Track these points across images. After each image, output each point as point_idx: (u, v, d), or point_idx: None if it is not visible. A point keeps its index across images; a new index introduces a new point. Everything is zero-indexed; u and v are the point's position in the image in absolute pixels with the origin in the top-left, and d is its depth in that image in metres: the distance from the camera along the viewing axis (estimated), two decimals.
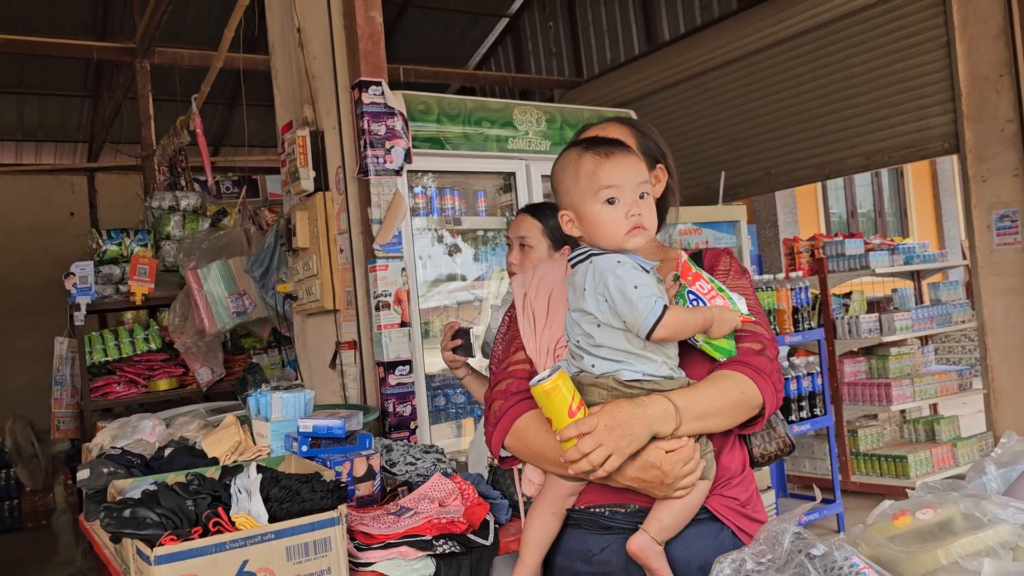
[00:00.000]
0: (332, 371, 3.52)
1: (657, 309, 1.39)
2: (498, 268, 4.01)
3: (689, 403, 1.44)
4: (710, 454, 1.49)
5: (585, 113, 3.96)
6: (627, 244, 1.48)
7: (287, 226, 3.61)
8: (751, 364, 1.51)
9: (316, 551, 1.94)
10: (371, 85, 3.21)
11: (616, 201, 1.48)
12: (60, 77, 9.11)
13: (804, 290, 5.01)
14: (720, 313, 1.48)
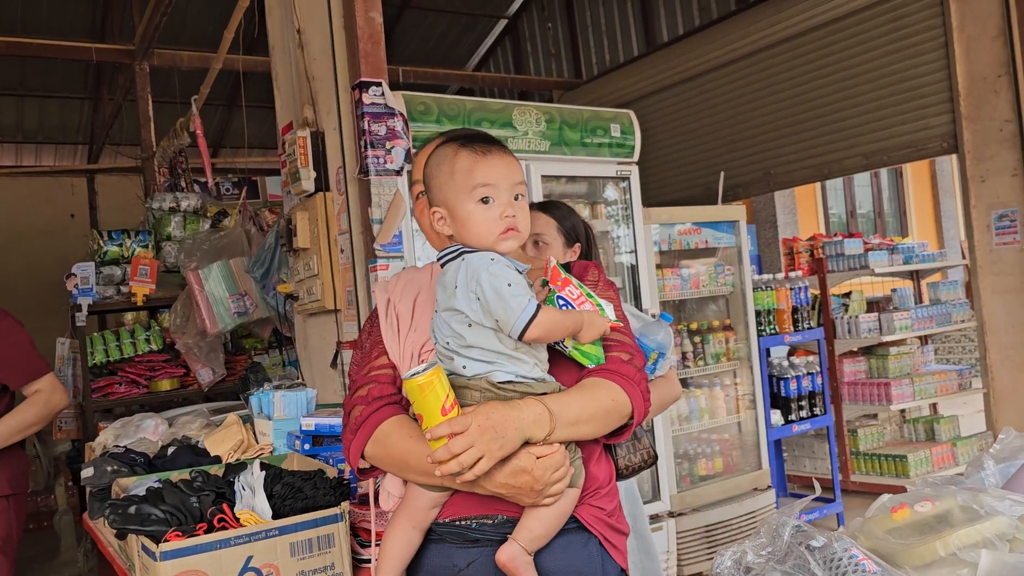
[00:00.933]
0: (333, 371, 3.54)
1: (531, 308, 1.36)
2: None
3: (563, 408, 1.41)
4: (579, 461, 1.47)
5: (584, 114, 3.97)
6: (500, 246, 1.45)
7: (288, 226, 3.62)
8: (621, 372, 1.49)
9: (320, 547, 1.95)
10: (371, 86, 3.22)
11: (491, 200, 1.44)
12: (60, 79, 9.13)
13: (804, 290, 5.03)
14: (590, 318, 1.46)
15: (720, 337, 4.55)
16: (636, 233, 4.10)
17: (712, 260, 4.64)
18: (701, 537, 4.21)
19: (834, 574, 1.21)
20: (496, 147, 1.48)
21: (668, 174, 6.70)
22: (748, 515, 4.38)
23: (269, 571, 1.89)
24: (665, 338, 2.36)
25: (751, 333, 4.62)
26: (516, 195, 1.46)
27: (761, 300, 4.78)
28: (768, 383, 4.78)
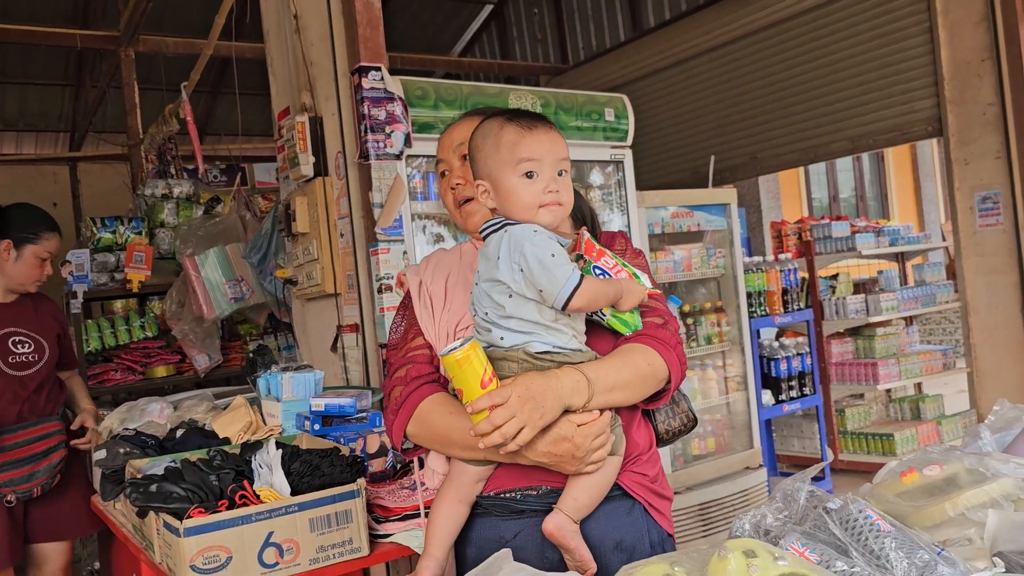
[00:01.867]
0: (333, 354, 3.56)
1: (575, 277, 1.39)
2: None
3: (599, 375, 1.42)
4: (619, 428, 1.49)
5: (579, 98, 4.01)
6: (541, 218, 1.47)
7: (286, 212, 3.63)
8: (656, 337, 1.52)
9: (338, 522, 1.99)
10: (371, 70, 3.24)
11: (535, 175, 1.46)
12: (41, 66, 9.03)
13: (793, 272, 5.11)
14: (628, 285, 1.49)
15: (712, 319, 4.61)
16: (630, 217, 4.15)
17: (701, 244, 4.70)
18: (695, 516, 4.29)
19: (851, 533, 1.26)
20: (542, 123, 1.50)
21: (656, 158, 6.75)
22: (740, 493, 4.46)
23: (289, 546, 1.93)
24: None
25: (742, 315, 4.69)
26: (560, 171, 1.49)
27: (752, 282, 4.85)
28: (759, 364, 4.86)
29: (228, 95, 9.66)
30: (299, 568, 1.94)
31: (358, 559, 2.02)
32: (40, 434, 3.00)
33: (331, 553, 1.98)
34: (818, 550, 1.20)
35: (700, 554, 1.18)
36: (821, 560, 1.17)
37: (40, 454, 2.99)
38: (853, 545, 1.22)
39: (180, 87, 5.35)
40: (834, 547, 1.23)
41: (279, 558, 1.92)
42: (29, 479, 2.95)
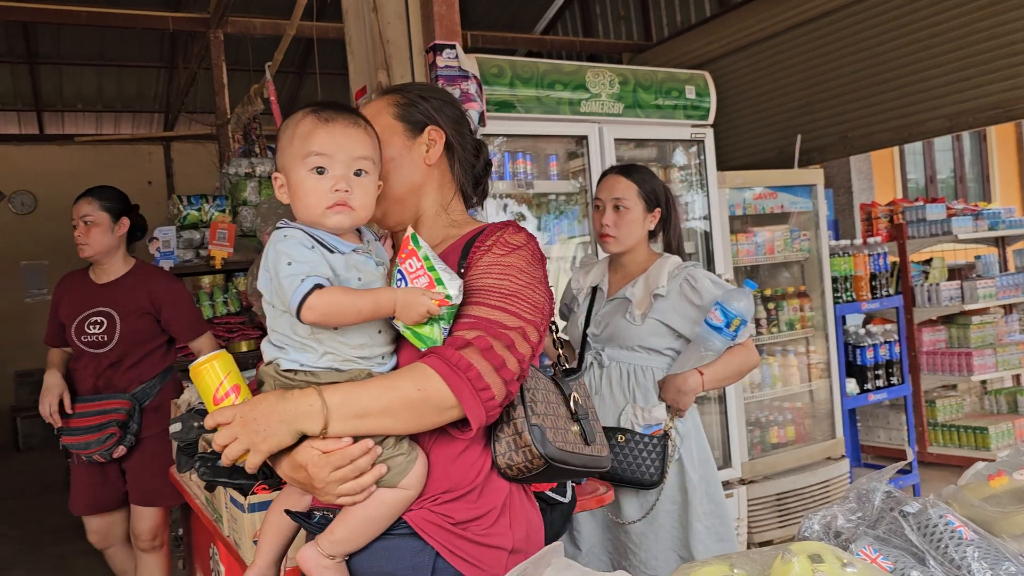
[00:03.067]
0: None
1: (303, 289, 1.25)
2: (563, 235, 4.01)
3: (347, 400, 1.28)
4: (400, 459, 1.33)
5: (659, 75, 3.90)
6: (326, 221, 1.34)
7: None
8: (446, 357, 1.30)
9: None
10: (445, 48, 3.22)
11: (325, 171, 1.35)
12: (137, 49, 9.35)
13: (883, 256, 4.90)
14: (406, 296, 1.30)
15: (794, 304, 4.46)
16: (710, 198, 4.03)
17: (785, 225, 4.54)
18: (772, 505, 4.17)
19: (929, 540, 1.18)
20: (345, 116, 1.38)
21: (740, 138, 6.56)
22: (821, 484, 4.32)
23: None
24: (747, 306, 2.35)
25: (827, 300, 4.53)
26: (358, 170, 1.37)
27: (838, 266, 4.67)
28: (844, 351, 4.68)
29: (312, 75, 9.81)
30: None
31: None
32: (99, 409, 3.21)
33: None
34: (892, 556, 1.12)
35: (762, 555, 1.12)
36: (895, 568, 1.10)
37: (95, 427, 3.19)
38: (931, 553, 1.14)
39: (264, 67, 5.44)
40: (910, 554, 1.15)
41: None
42: (86, 447, 3.18)
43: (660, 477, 2.43)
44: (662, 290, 2.49)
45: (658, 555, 2.47)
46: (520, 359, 1.35)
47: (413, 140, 1.52)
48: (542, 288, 1.44)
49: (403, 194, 1.51)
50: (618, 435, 2.45)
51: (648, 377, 2.52)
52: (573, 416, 1.50)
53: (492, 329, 1.33)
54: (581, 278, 2.73)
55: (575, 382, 1.57)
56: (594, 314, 2.63)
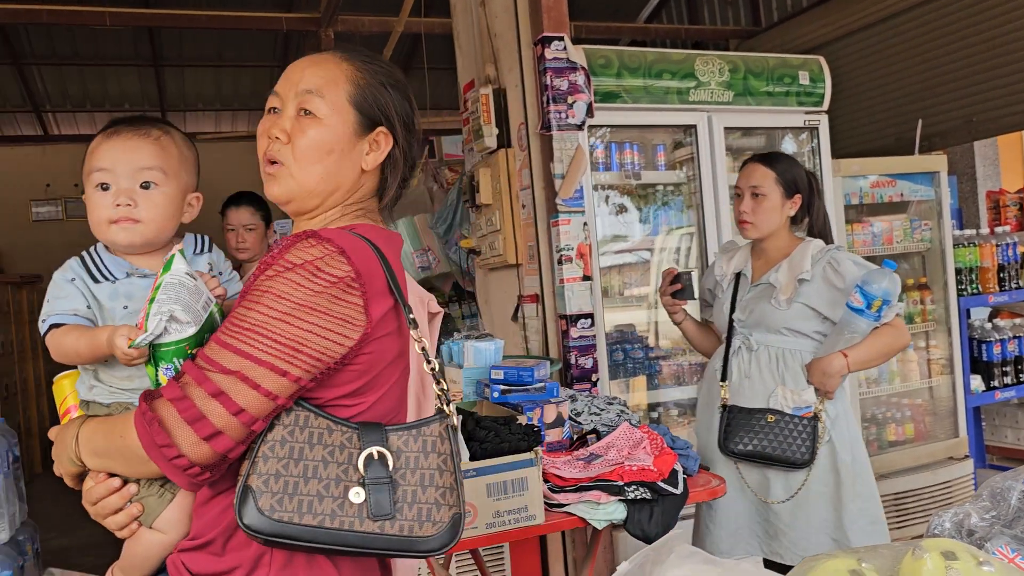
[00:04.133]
0: (514, 324, 3.62)
1: (43, 328, 1.29)
2: (666, 226, 3.96)
3: (89, 437, 1.26)
4: (154, 499, 1.29)
5: (770, 61, 3.81)
6: (114, 237, 1.33)
7: (470, 183, 3.72)
8: (140, 406, 1.16)
9: (514, 489, 2.03)
10: (553, 40, 3.23)
11: (109, 187, 1.32)
12: (252, 49, 9.72)
13: (1012, 246, 4.64)
14: (108, 335, 1.23)
15: (914, 296, 4.28)
16: (824, 186, 3.92)
17: (903, 215, 4.36)
18: (889, 505, 4.03)
19: None
20: (131, 129, 1.35)
21: (854, 124, 6.32)
22: (943, 485, 4.14)
23: (468, 509, 1.98)
24: (889, 285, 2.37)
25: (950, 293, 4.33)
26: (144, 182, 1.33)
27: (962, 257, 4.45)
28: (968, 346, 4.47)
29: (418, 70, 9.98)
30: (476, 531, 2.00)
31: (533, 527, 2.05)
32: None
33: (507, 519, 2.02)
34: None
35: (892, 551, 1.09)
36: None
37: None
38: None
39: None
40: None
41: None
42: None
43: (811, 456, 2.49)
44: (806, 274, 2.55)
45: (810, 536, 2.51)
46: (236, 411, 1.12)
47: (359, 138, 1.33)
48: (309, 319, 1.15)
49: (315, 187, 1.31)
50: (768, 415, 2.54)
51: (796, 360, 2.57)
52: (360, 480, 1.17)
53: (200, 373, 1.14)
54: (724, 264, 2.79)
55: (411, 432, 1.22)
56: (739, 299, 2.69)
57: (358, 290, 1.19)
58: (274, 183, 1.31)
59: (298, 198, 1.32)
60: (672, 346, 4.03)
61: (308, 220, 1.35)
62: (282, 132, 1.29)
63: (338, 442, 1.18)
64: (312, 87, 1.30)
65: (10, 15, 6.66)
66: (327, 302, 1.17)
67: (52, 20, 6.82)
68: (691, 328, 2.89)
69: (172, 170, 1.35)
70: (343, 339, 1.18)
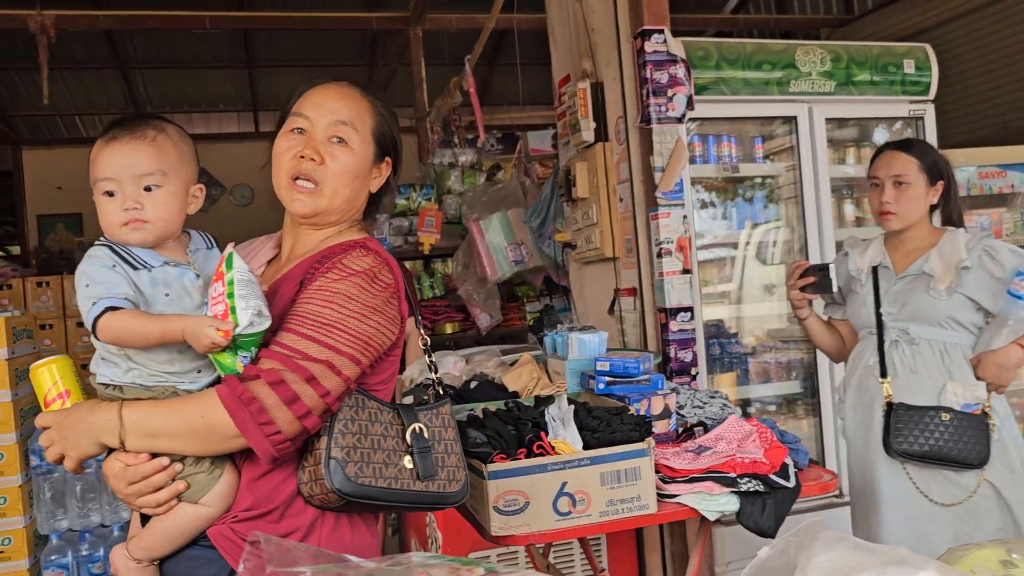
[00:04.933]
0: (610, 317, 3.64)
1: (95, 311, 1.30)
2: (751, 221, 3.91)
3: (142, 418, 1.33)
4: (201, 476, 1.37)
5: (874, 50, 3.72)
6: (126, 237, 1.39)
7: (566, 177, 3.74)
8: (232, 387, 1.30)
9: (627, 479, 2.05)
10: (654, 33, 3.23)
11: (115, 194, 1.38)
12: (340, 49, 9.95)
13: None
14: (192, 325, 1.30)
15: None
16: None
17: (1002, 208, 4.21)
18: None
19: None
20: (127, 134, 1.40)
21: (957, 113, 6.11)
22: None
23: (582, 497, 2.02)
24: None
25: None
26: (147, 185, 1.39)
27: None
28: None
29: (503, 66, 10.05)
30: (589, 519, 2.03)
31: (646, 516, 2.07)
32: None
33: (620, 508, 2.05)
34: None
35: None
36: None
37: None
38: None
39: (464, 61, 5.66)
40: None
41: (572, 507, 2.01)
42: None
43: (987, 456, 2.40)
44: (968, 262, 2.44)
45: (983, 539, 2.41)
46: (323, 393, 1.33)
47: (373, 166, 1.55)
48: (374, 318, 1.40)
49: (340, 206, 1.52)
50: (942, 414, 2.41)
51: (959, 353, 2.47)
52: (407, 449, 1.43)
53: (291, 361, 1.32)
54: (857, 259, 2.66)
55: (431, 411, 1.51)
56: (884, 292, 2.58)
57: (397, 295, 1.46)
58: (307, 200, 1.49)
59: (323, 214, 1.51)
60: (757, 342, 3.99)
61: (315, 231, 1.55)
62: (317, 154, 1.48)
63: (387, 419, 1.45)
64: (347, 119, 1.50)
65: (117, 22, 6.99)
66: (383, 304, 1.42)
67: (156, 25, 7.14)
68: (816, 326, 2.75)
69: (172, 169, 1.41)
70: (392, 335, 1.46)
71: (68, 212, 9.38)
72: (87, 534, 2.97)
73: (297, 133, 1.50)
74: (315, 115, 1.49)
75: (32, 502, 2.98)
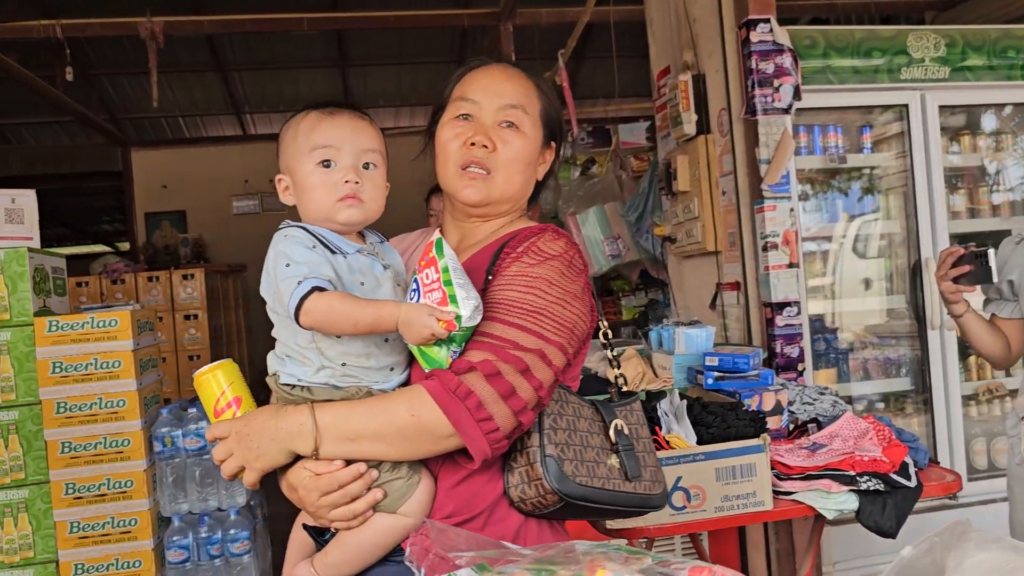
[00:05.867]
0: (711, 311, 3.60)
1: (301, 291, 1.16)
2: (847, 213, 3.79)
3: (338, 420, 1.20)
4: (402, 483, 1.24)
5: (992, 33, 3.57)
6: (338, 215, 1.27)
7: (666, 170, 3.71)
8: (445, 382, 1.18)
9: (742, 475, 2.03)
10: (759, 23, 3.17)
11: (332, 164, 1.27)
12: (430, 46, 10.08)
13: None
14: (411, 313, 1.18)
15: None
16: None
17: None
18: None
19: None
20: (348, 111, 1.33)
21: None
22: None
23: (696, 492, 2.01)
24: None
25: None
26: (366, 163, 1.30)
27: None
28: None
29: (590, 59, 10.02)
30: (704, 514, 2.02)
31: (761, 512, 2.05)
32: None
33: (735, 504, 2.03)
34: None
35: None
36: None
37: None
38: None
39: (557, 55, 5.66)
40: None
41: (686, 502, 2.01)
42: None
43: None
44: None
45: None
46: (537, 386, 1.21)
47: (541, 151, 1.45)
48: (575, 304, 1.29)
49: (513, 194, 1.42)
50: None
51: None
52: (612, 447, 1.31)
53: (503, 352, 1.21)
54: None
55: (626, 408, 1.39)
56: None
57: (587, 281, 1.36)
58: (480, 187, 1.37)
59: (496, 202, 1.40)
60: (855, 338, 3.88)
61: (484, 222, 1.44)
62: (489, 140, 1.37)
63: (589, 415, 1.33)
64: (516, 102, 1.39)
65: (219, 26, 7.26)
66: (581, 291, 1.31)
67: (256, 28, 7.38)
68: (974, 325, 2.34)
69: (384, 154, 1.35)
70: (589, 323, 1.35)
71: (173, 209, 9.78)
72: (206, 517, 3.10)
73: (463, 119, 1.39)
74: (483, 98, 1.39)
75: (155, 486, 3.13)
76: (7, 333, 2.95)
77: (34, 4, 7.21)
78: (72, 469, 2.99)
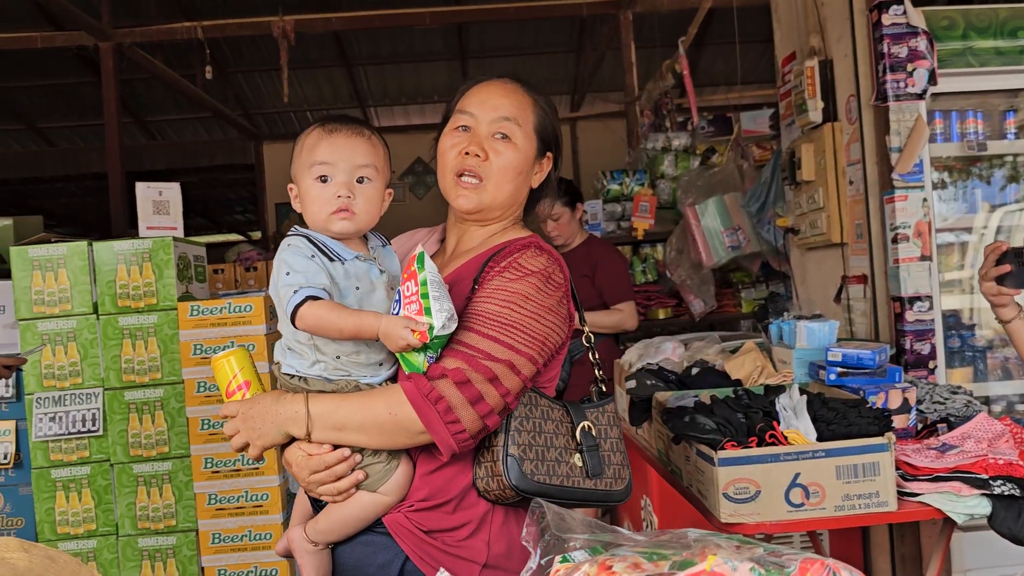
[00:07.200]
0: (835, 305, 3.48)
1: (295, 299, 1.32)
2: (988, 203, 3.56)
3: (327, 411, 1.38)
4: (380, 467, 1.41)
5: None
6: (331, 226, 1.42)
7: (790, 160, 3.61)
8: (419, 385, 1.34)
9: (864, 474, 1.97)
10: (892, 5, 3.04)
11: (328, 179, 1.42)
12: (548, 36, 10.11)
13: None
14: (388, 325, 1.33)
15: None
16: None
17: None
18: None
19: None
20: (348, 128, 1.45)
21: None
22: None
23: (815, 489, 1.97)
24: None
25: None
26: (360, 178, 1.43)
27: None
28: None
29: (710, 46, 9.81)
30: (824, 512, 1.97)
31: (885, 513, 1.99)
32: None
33: (857, 503, 1.97)
34: None
35: None
36: None
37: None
38: None
39: (677, 43, 5.58)
40: None
41: (805, 499, 1.96)
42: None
43: None
44: None
45: None
46: (504, 393, 1.36)
47: (535, 161, 1.57)
48: (549, 318, 1.43)
49: (504, 202, 1.54)
50: None
51: None
52: (577, 447, 1.45)
53: (474, 361, 1.36)
54: None
55: (597, 409, 1.52)
56: None
57: (568, 295, 1.50)
58: (471, 196, 1.51)
59: (487, 210, 1.53)
60: (994, 335, 3.65)
61: (481, 227, 1.57)
62: (482, 151, 1.50)
63: (557, 417, 1.48)
64: (510, 115, 1.52)
65: (347, 23, 7.51)
66: (557, 304, 1.45)
67: (382, 24, 7.60)
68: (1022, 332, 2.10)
69: (380, 167, 1.48)
70: (564, 333, 1.49)
71: None
72: None
73: (462, 131, 1.53)
74: (479, 111, 1.52)
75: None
76: (154, 317, 3.17)
77: (177, 4, 7.65)
78: (211, 445, 3.19)
